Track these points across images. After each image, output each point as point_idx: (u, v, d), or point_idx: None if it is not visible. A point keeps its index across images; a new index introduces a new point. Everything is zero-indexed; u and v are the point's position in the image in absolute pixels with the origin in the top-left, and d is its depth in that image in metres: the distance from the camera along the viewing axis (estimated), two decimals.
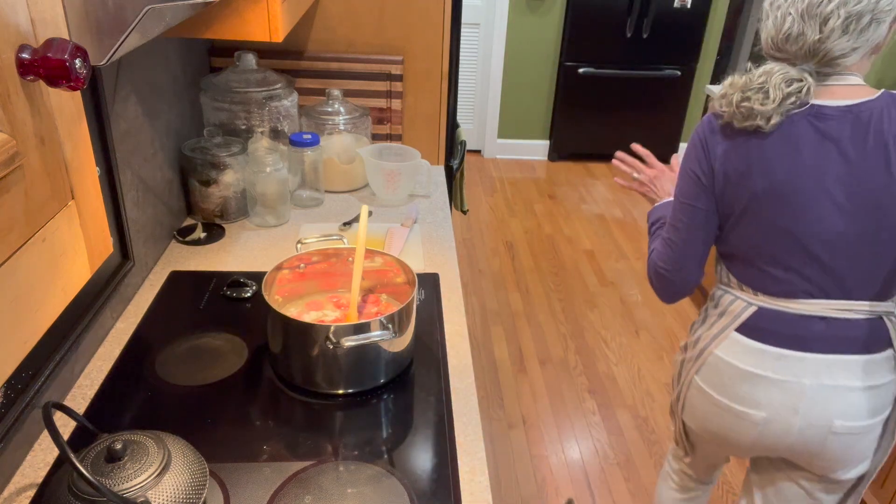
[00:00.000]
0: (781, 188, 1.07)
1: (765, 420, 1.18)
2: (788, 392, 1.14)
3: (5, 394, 0.90)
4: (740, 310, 1.17)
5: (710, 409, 1.24)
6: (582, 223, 3.90)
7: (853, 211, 1.05)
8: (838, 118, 1.05)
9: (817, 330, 1.12)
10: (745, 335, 1.17)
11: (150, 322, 1.26)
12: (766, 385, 1.15)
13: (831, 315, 1.11)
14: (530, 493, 2.13)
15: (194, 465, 0.82)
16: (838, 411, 1.13)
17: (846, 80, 1.06)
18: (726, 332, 1.18)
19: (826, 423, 1.15)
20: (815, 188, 1.05)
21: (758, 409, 1.17)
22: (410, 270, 1.17)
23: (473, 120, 4.76)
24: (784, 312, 1.13)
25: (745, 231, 1.13)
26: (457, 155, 2.16)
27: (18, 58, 0.41)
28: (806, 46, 1.04)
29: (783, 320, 1.13)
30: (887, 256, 1.08)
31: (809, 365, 1.13)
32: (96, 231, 0.55)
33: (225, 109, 1.68)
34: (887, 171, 1.03)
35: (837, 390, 1.13)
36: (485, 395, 2.53)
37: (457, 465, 0.98)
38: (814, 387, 1.13)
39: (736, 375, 1.18)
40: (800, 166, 1.06)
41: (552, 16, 4.41)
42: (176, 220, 1.58)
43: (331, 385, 1.09)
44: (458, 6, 1.89)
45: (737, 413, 1.20)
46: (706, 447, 1.41)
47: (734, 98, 1.07)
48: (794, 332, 1.13)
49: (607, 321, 3.01)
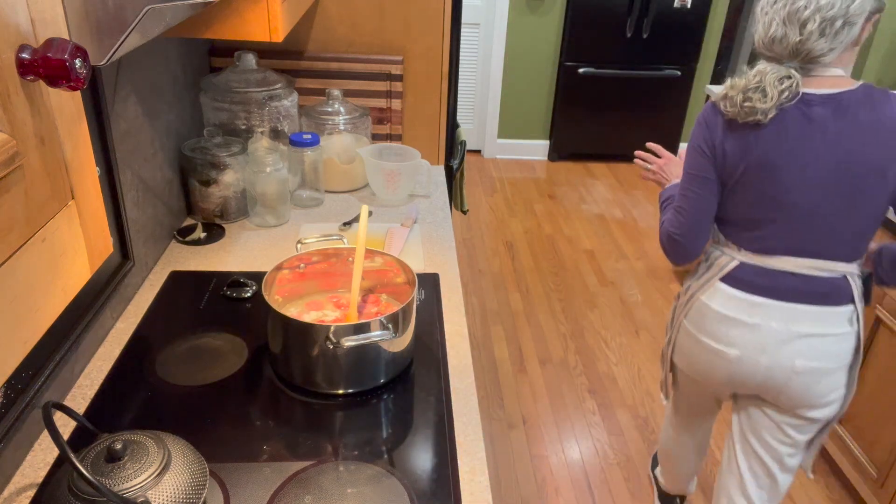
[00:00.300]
0: (769, 162, 1.24)
1: (737, 358, 1.37)
2: (758, 334, 1.34)
3: (5, 394, 0.90)
4: (725, 263, 1.37)
5: (695, 347, 1.44)
6: (582, 223, 3.90)
7: (830, 184, 1.23)
8: (822, 104, 1.21)
9: (788, 283, 1.31)
10: (727, 284, 1.36)
11: (150, 322, 1.26)
12: (740, 327, 1.35)
13: (801, 271, 1.30)
14: (530, 493, 2.13)
15: (194, 465, 0.82)
16: (800, 353, 1.33)
17: (829, 72, 1.23)
18: (712, 282, 1.39)
19: (789, 363, 1.34)
20: (798, 163, 1.23)
21: (731, 347, 1.37)
22: (410, 270, 1.17)
23: (473, 120, 4.76)
24: (761, 267, 1.32)
25: (736, 198, 1.31)
26: (457, 155, 2.16)
27: (18, 58, 0.41)
28: (790, 47, 1.20)
29: (760, 273, 1.33)
30: (856, 225, 1.26)
31: (778, 312, 1.32)
32: (96, 231, 0.55)
33: (225, 109, 1.68)
34: (863, 153, 1.20)
35: (800, 335, 1.32)
36: (485, 395, 2.53)
37: (457, 465, 0.98)
38: (780, 331, 1.32)
39: (716, 318, 1.38)
40: (786, 144, 1.23)
41: (552, 16, 4.40)
42: (176, 220, 1.58)
43: (331, 385, 1.09)
44: (458, 6, 1.89)
45: (714, 351, 1.40)
46: (690, 387, 1.62)
47: (737, 99, 1.22)
48: (768, 283, 1.32)
49: (607, 321, 3.01)
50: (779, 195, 1.26)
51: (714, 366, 1.42)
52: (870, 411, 1.99)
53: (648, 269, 3.47)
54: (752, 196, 1.28)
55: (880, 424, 1.95)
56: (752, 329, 1.34)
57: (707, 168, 1.31)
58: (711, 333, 1.39)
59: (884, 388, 1.94)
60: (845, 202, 1.24)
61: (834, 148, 1.21)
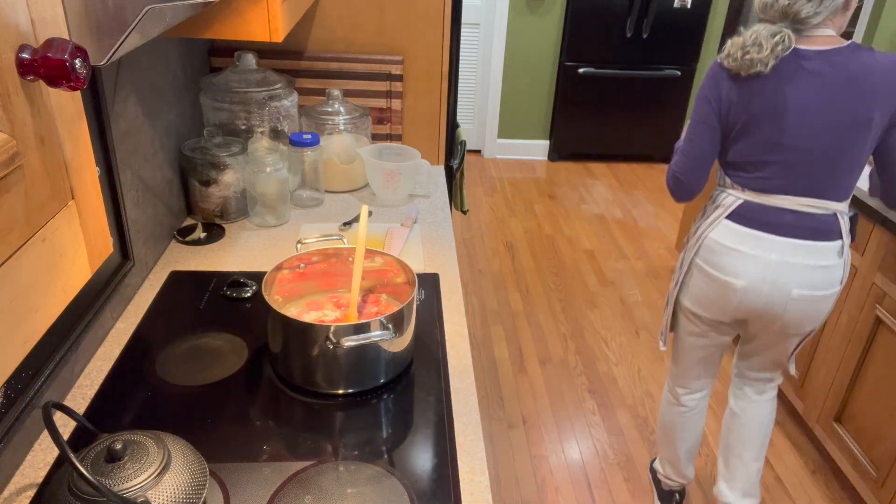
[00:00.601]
0: (771, 109, 1.41)
1: (743, 288, 1.54)
2: (760, 265, 1.50)
3: (5, 394, 0.90)
4: (730, 202, 1.53)
5: (705, 282, 1.60)
6: (582, 223, 3.90)
7: (823, 129, 1.40)
8: (815, 58, 1.38)
9: (786, 219, 1.48)
10: (732, 221, 1.53)
11: (150, 322, 1.26)
12: (745, 259, 1.51)
13: (797, 209, 1.47)
14: (530, 493, 2.13)
15: (194, 465, 0.82)
16: (796, 282, 1.50)
17: (819, 31, 1.39)
18: (719, 220, 1.55)
19: (787, 291, 1.52)
20: (795, 109, 1.40)
21: (738, 278, 1.53)
22: (410, 270, 1.17)
23: (473, 120, 4.76)
24: (762, 204, 1.49)
25: (741, 143, 1.48)
26: (457, 155, 2.16)
27: (18, 58, 0.41)
28: (780, 10, 1.38)
29: (761, 210, 1.49)
30: (847, 167, 1.43)
31: (777, 245, 1.49)
32: (96, 231, 0.55)
33: (225, 109, 1.68)
34: (851, 101, 1.37)
35: (796, 266, 1.49)
36: (485, 395, 2.53)
37: (457, 465, 0.98)
38: (779, 262, 1.49)
39: (723, 252, 1.54)
40: (787, 93, 1.39)
41: (552, 16, 4.41)
42: (176, 220, 1.58)
43: (331, 385, 1.09)
44: (458, 6, 1.89)
45: (723, 282, 1.56)
46: (694, 329, 1.73)
47: (738, 55, 1.40)
48: (768, 219, 1.49)
49: (607, 321, 3.01)
50: (779, 139, 1.42)
51: (723, 297, 1.58)
52: (870, 411, 1.99)
53: (648, 269, 3.47)
54: (756, 140, 1.45)
55: (880, 424, 1.95)
56: (754, 260, 1.50)
57: (710, 117, 1.49)
58: (721, 267, 1.55)
59: (884, 388, 1.94)
60: (836, 145, 1.40)
61: (826, 96, 1.37)
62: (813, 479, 2.24)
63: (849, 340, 2.08)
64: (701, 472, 2.23)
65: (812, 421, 2.26)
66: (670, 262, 3.53)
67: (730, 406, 1.88)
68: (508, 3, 4.34)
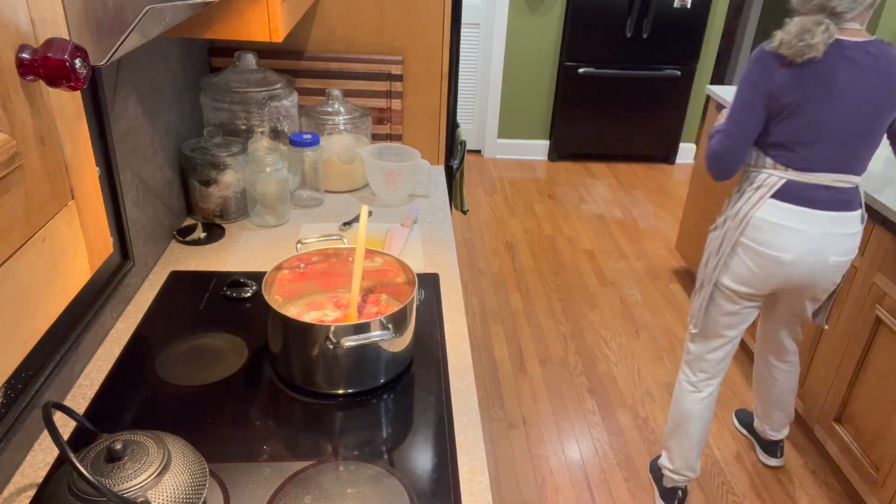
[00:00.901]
0: (820, 93, 1.54)
1: (791, 261, 1.67)
2: (805, 238, 1.64)
3: (5, 394, 0.90)
4: (774, 182, 1.65)
5: (752, 259, 1.70)
6: (582, 223, 3.90)
7: (860, 113, 1.55)
8: (854, 48, 1.53)
9: (822, 195, 1.63)
10: (777, 199, 1.65)
11: (150, 322, 1.26)
12: (792, 234, 1.64)
13: (831, 184, 1.62)
14: (530, 493, 2.13)
15: (194, 465, 0.82)
16: (832, 251, 1.66)
17: (850, 25, 1.54)
18: (764, 199, 1.66)
19: (825, 259, 1.67)
20: (840, 94, 1.54)
21: (786, 252, 1.66)
22: (410, 270, 1.17)
23: (473, 120, 4.76)
24: (804, 182, 1.63)
25: (786, 125, 1.60)
26: (457, 155, 2.16)
27: (18, 58, 0.41)
28: (818, 4, 1.53)
29: (804, 188, 1.63)
30: (870, 146, 1.61)
31: (818, 219, 1.63)
32: (96, 231, 0.55)
33: (225, 109, 1.68)
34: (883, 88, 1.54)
35: (832, 236, 1.64)
36: (485, 395, 2.53)
37: (457, 465, 0.98)
38: (819, 233, 1.64)
39: (771, 229, 1.66)
40: (833, 78, 1.53)
41: (552, 16, 4.41)
42: (176, 220, 1.58)
43: (331, 385, 1.09)
44: (458, 6, 1.89)
45: (772, 258, 1.68)
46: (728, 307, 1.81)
47: (793, 42, 1.52)
48: (809, 195, 1.63)
49: (607, 321, 3.01)
50: (825, 120, 1.56)
51: (770, 272, 1.70)
52: (870, 411, 1.99)
53: (648, 269, 3.47)
54: (801, 123, 1.57)
55: (880, 424, 1.95)
56: (799, 234, 1.64)
57: (756, 98, 1.60)
58: (769, 243, 1.66)
59: (884, 388, 1.94)
60: (865, 128, 1.57)
61: (864, 82, 1.53)
62: (813, 479, 2.24)
63: (849, 340, 2.08)
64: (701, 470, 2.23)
65: (812, 421, 2.26)
66: (670, 262, 3.53)
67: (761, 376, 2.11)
68: (508, 3, 4.34)
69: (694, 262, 3.17)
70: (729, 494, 2.16)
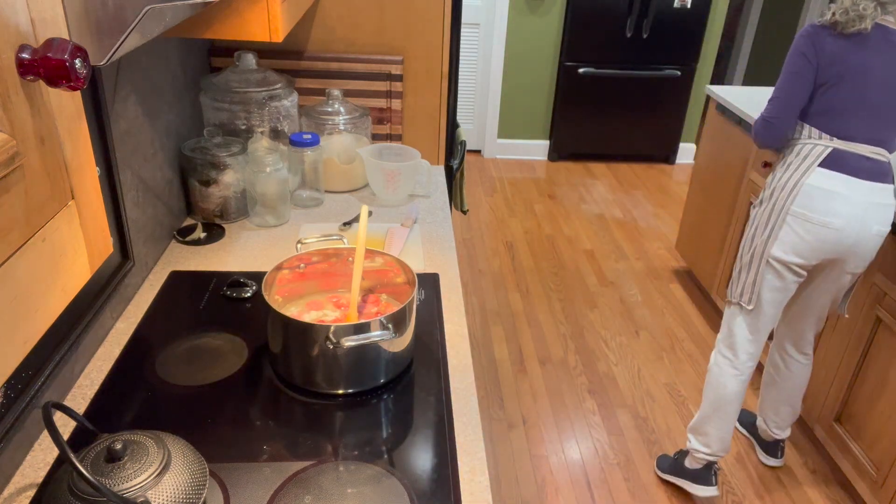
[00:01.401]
0: (862, 67, 1.65)
1: (840, 227, 1.72)
2: (853, 205, 1.71)
3: (5, 394, 0.90)
4: (820, 151, 1.73)
5: (804, 228, 1.75)
6: (582, 223, 3.90)
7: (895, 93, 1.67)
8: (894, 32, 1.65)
9: (865, 164, 1.71)
10: (825, 167, 1.73)
11: (150, 322, 1.26)
12: (841, 201, 1.71)
13: (871, 155, 1.71)
14: (530, 493, 2.13)
15: (194, 465, 0.82)
16: (874, 220, 1.73)
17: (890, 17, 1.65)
18: (812, 168, 1.74)
19: (868, 228, 1.73)
20: (880, 71, 1.65)
21: (837, 217, 1.72)
22: (410, 270, 1.17)
23: (473, 120, 4.76)
24: (848, 152, 1.72)
25: (835, 94, 1.70)
26: (457, 155, 2.16)
27: (18, 58, 0.41)
28: None
29: (849, 157, 1.71)
30: None
31: (863, 188, 1.71)
32: (96, 231, 0.55)
33: (225, 109, 1.68)
34: None
35: (874, 205, 1.72)
36: (485, 395, 2.53)
37: (457, 465, 0.98)
38: (865, 202, 1.71)
39: (823, 196, 1.72)
40: (875, 57, 1.65)
41: (552, 16, 4.41)
42: (176, 220, 1.58)
43: (331, 385, 1.09)
44: (458, 6, 1.89)
45: (824, 223, 1.73)
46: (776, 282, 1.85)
47: (845, 15, 1.64)
48: (853, 164, 1.71)
49: (607, 321, 3.01)
50: (865, 94, 1.67)
51: (821, 239, 1.75)
52: (870, 411, 1.99)
53: (648, 269, 3.47)
54: (845, 93, 1.68)
55: (880, 424, 1.95)
56: (849, 201, 1.70)
57: (806, 68, 1.70)
58: (821, 210, 1.72)
59: (884, 388, 1.94)
60: None
61: None
62: (813, 479, 2.24)
63: (849, 340, 2.08)
64: None
65: (812, 421, 2.26)
66: (670, 262, 3.53)
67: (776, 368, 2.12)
68: (508, 3, 4.34)
69: (694, 262, 3.17)
70: (729, 494, 2.16)
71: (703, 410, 2.02)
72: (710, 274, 3.00)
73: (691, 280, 3.36)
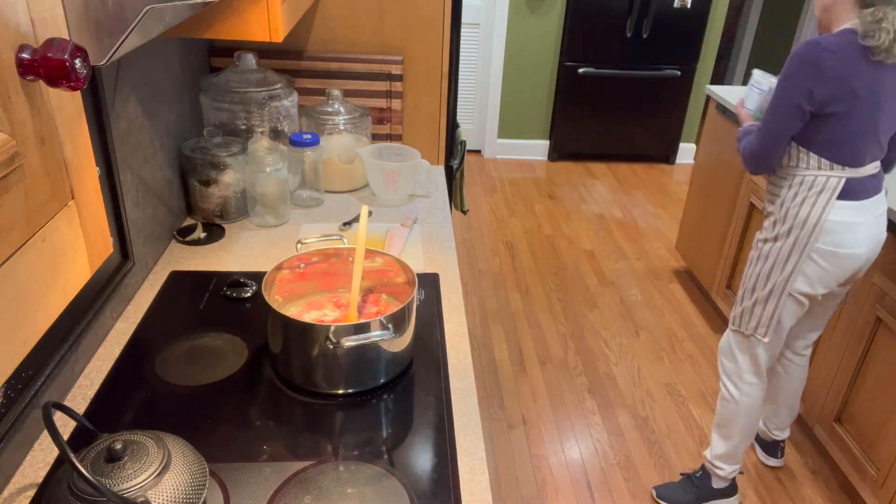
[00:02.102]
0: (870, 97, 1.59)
1: (863, 254, 1.73)
2: (868, 227, 1.71)
3: (5, 394, 0.90)
4: (835, 184, 1.67)
5: (829, 262, 1.72)
6: (582, 223, 3.90)
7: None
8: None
9: (871, 182, 1.70)
10: (842, 200, 1.68)
11: (150, 322, 1.26)
12: (861, 228, 1.70)
13: (874, 171, 1.70)
14: (530, 493, 2.13)
15: (194, 465, 0.82)
16: (882, 230, 1.75)
17: None
18: (831, 202, 1.68)
19: (880, 240, 1.75)
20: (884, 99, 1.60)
21: (860, 247, 1.72)
22: (410, 270, 1.17)
23: (473, 120, 4.76)
24: (858, 177, 1.68)
25: (845, 125, 1.63)
26: (457, 155, 2.16)
27: (18, 58, 0.41)
28: None
29: (858, 181, 1.68)
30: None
31: (872, 204, 1.71)
32: (96, 231, 0.55)
33: (225, 109, 1.68)
34: None
35: (881, 217, 1.74)
36: (485, 395, 2.53)
37: (457, 465, 0.98)
38: (877, 217, 1.72)
39: (845, 229, 1.69)
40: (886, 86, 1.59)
41: (552, 16, 4.41)
42: (176, 220, 1.58)
43: (331, 385, 1.09)
44: (458, 6, 1.89)
45: (850, 256, 1.72)
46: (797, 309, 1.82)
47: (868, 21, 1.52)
48: (864, 187, 1.69)
49: (607, 321, 3.01)
50: (872, 121, 1.62)
51: (846, 268, 1.74)
52: (870, 411, 1.99)
53: (648, 269, 3.47)
54: (855, 120, 1.61)
55: (880, 424, 1.95)
56: (866, 226, 1.71)
57: (800, 101, 1.61)
58: (845, 244, 1.70)
59: (884, 388, 1.94)
60: None
61: None
62: (813, 479, 2.24)
63: (849, 340, 2.08)
64: None
65: (812, 421, 2.26)
66: (670, 262, 3.53)
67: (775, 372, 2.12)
68: (508, 3, 4.34)
69: (694, 262, 3.17)
70: None
71: (734, 440, 1.96)
72: (710, 274, 3.00)
73: (691, 280, 3.36)
